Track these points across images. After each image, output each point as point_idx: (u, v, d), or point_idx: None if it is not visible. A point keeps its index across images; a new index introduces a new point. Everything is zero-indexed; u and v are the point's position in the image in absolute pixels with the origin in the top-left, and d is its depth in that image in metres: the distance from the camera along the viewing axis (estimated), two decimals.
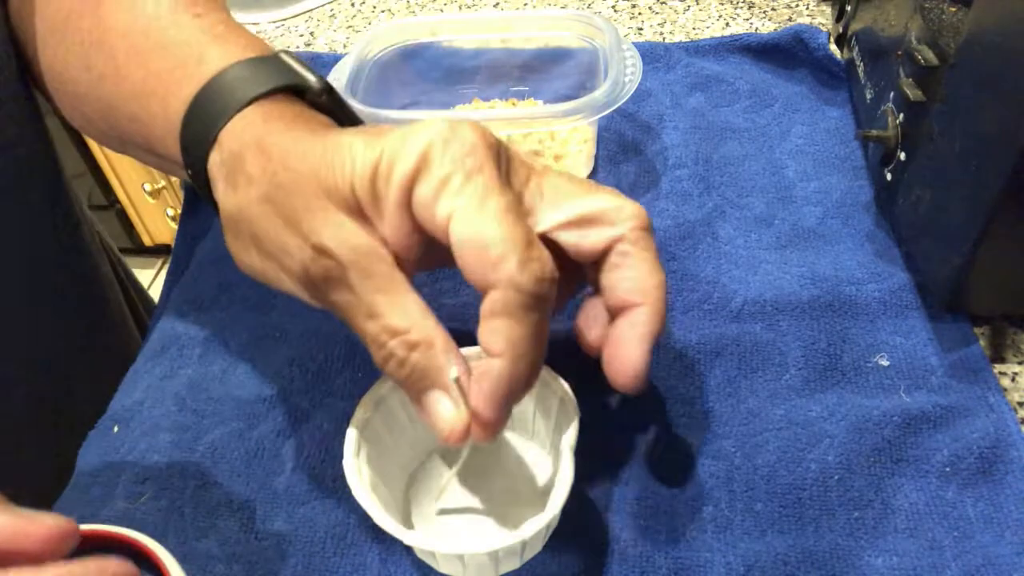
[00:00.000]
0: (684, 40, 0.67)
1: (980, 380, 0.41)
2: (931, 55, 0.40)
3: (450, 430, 0.31)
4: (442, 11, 0.75)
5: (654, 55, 0.64)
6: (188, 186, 0.58)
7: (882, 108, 0.47)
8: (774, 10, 0.70)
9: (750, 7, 0.71)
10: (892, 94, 0.46)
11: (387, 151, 0.30)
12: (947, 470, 0.38)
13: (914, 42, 0.43)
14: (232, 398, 0.44)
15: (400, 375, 0.31)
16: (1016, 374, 0.43)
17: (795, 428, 0.40)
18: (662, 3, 0.72)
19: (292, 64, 0.37)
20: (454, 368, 0.31)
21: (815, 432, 0.40)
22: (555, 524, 0.37)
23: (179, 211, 0.67)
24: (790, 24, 0.65)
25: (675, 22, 0.70)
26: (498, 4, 0.75)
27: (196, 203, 0.58)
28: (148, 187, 1.74)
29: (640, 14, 0.71)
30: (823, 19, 0.68)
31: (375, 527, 0.33)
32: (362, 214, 0.31)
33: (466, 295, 0.48)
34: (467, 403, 0.31)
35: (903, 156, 0.44)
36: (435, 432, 0.32)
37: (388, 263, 0.31)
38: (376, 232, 0.31)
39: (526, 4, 0.75)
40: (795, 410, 0.41)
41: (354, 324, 0.32)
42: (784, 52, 0.62)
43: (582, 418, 0.36)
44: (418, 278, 0.49)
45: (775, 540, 0.36)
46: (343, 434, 0.35)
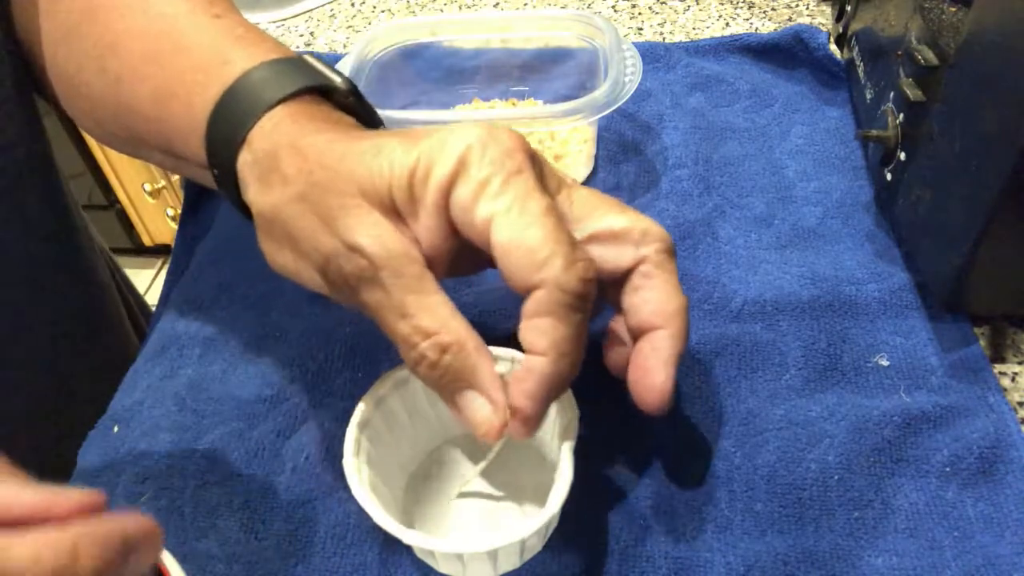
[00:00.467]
0: (684, 40, 0.67)
1: (980, 380, 0.41)
2: (931, 55, 0.40)
3: (487, 427, 0.32)
4: (442, 11, 0.75)
5: (654, 55, 0.64)
6: (188, 186, 0.58)
7: (882, 108, 0.47)
8: (774, 10, 0.70)
9: (750, 7, 0.71)
10: (892, 94, 0.46)
11: (425, 154, 0.31)
12: (947, 470, 0.38)
13: (914, 42, 0.43)
14: (232, 398, 0.44)
15: (433, 376, 0.32)
16: (1016, 374, 0.43)
17: (795, 428, 0.40)
18: (662, 3, 0.72)
19: (317, 66, 0.37)
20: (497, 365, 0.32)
21: (815, 432, 0.40)
22: (555, 524, 0.37)
23: (179, 211, 0.67)
24: (790, 24, 0.65)
25: (675, 22, 0.70)
26: (498, 4, 0.75)
27: (196, 203, 0.58)
28: (148, 187, 1.74)
29: (640, 14, 0.71)
30: (823, 19, 0.68)
31: (375, 527, 0.33)
32: (397, 216, 0.31)
33: (466, 295, 0.48)
34: (504, 401, 0.32)
35: (903, 156, 0.44)
36: (472, 430, 0.32)
37: (420, 264, 0.31)
38: (410, 234, 0.31)
39: (526, 4, 0.75)
40: (795, 410, 0.41)
41: (385, 324, 0.32)
42: (784, 52, 0.62)
43: (582, 418, 0.36)
44: None
45: (775, 540, 0.36)
46: (343, 434, 0.35)
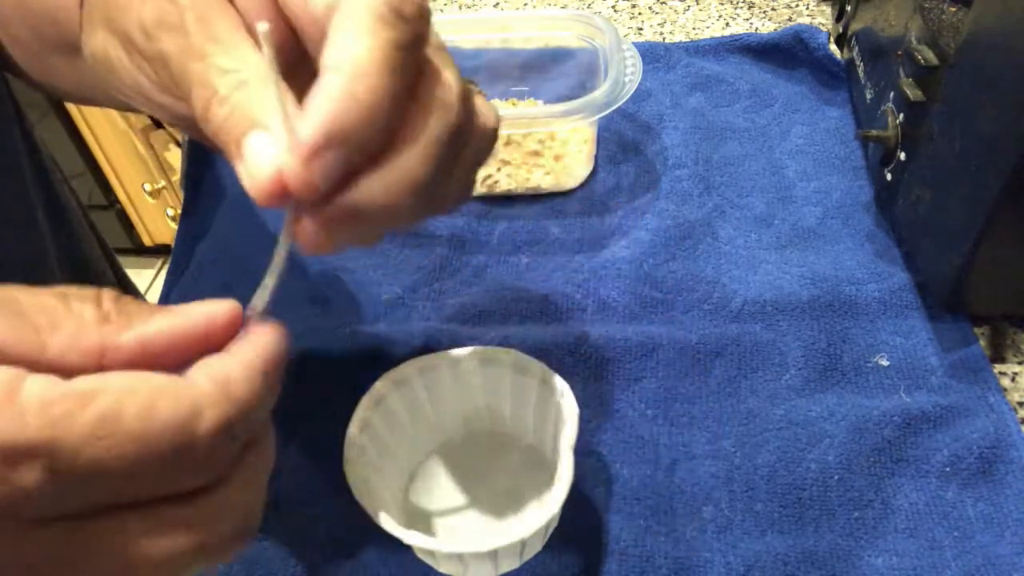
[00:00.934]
0: (684, 40, 0.67)
1: (980, 380, 0.41)
2: (931, 55, 0.40)
3: (261, 174, 0.23)
4: (442, 11, 0.75)
5: (654, 55, 0.64)
6: (188, 186, 0.58)
7: (882, 108, 0.47)
8: (774, 10, 0.70)
9: (750, 7, 0.71)
10: (892, 94, 0.46)
11: None
12: (947, 470, 0.38)
13: (914, 42, 0.43)
14: None
15: (220, 116, 0.25)
16: (1016, 374, 0.43)
17: (795, 428, 0.40)
18: (662, 3, 0.72)
19: None
20: (263, 24, 0.23)
21: (815, 432, 0.40)
22: (555, 524, 0.37)
23: (179, 211, 0.67)
24: (790, 24, 0.65)
25: (675, 22, 0.70)
26: (498, 4, 0.75)
27: (196, 203, 0.58)
28: (148, 187, 1.74)
29: (640, 14, 0.71)
30: (823, 19, 0.68)
31: (375, 527, 0.33)
32: None
33: (466, 295, 0.48)
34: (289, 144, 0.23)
35: (903, 156, 0.44)
36: (248, 187, 0.24)
37: (231, 15, 0.26)
38: None
39: (526, 4, 0.75)
40: (795, 410, 0.41)
41: (181, 74, 0.26)
42: (784, 52, 0.62)
43: (581, 417, 0.36)
44: (416, 278, 0.49)
45: (775, 540, 0.36)
46: (343, 434, 0.35)
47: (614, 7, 0.73)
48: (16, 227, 0.50)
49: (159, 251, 1.94)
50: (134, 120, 1.53)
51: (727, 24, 0.69)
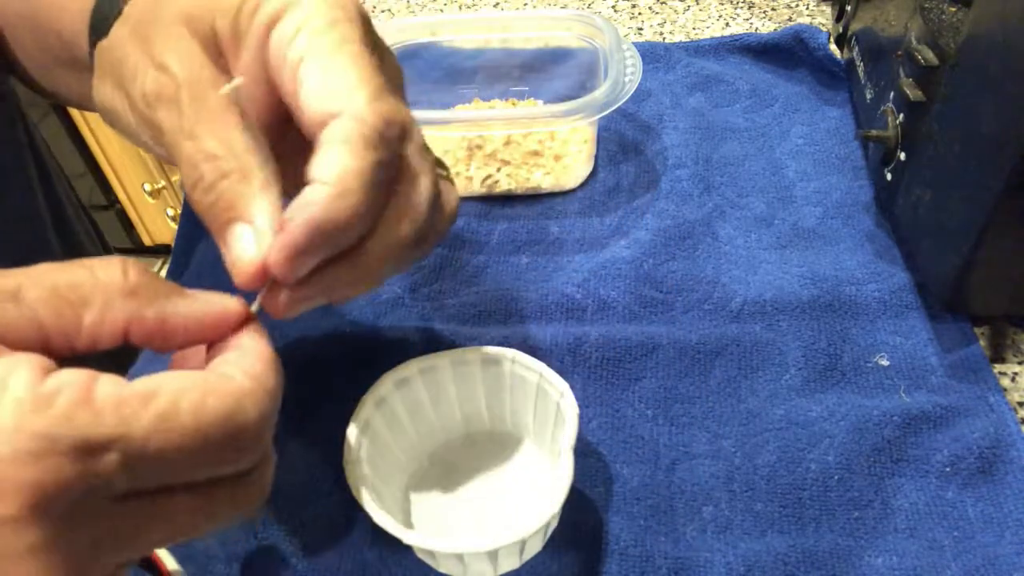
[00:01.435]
0: (684, 40, 0.67)
1: (980, 380, 0.41)
2: (931, 55, 0.40)
3: (243, 265, 0.27)
4: (442, 11, 0.75)
5: (654, 55, 0.64)
6: None
7: (882, 108, 0.47)
8: (774, 10, 0.70)
9: (750, 7, 0.71)
10: (892, 94, 0.46)
11: None
12: (947, 470, 0.38)
13: (914, 42, 0.43)
14: None
15: (206, 202, 0.28)
16: (1016, 374, 0.43)
17: (795, 428, 0.40)
18: (662, 3, 0.72)
19: None
20: (236, 80, 0.27)
21: (815, 432, 0.40)
22: (555, 523, 0.37)
23: (179, 211, 0.67)
24: (790, 24, 0.65)
25: (675, 22, 0.70)
26: (498, 4, 0.75)
27: None
28: (148, 187, 1.74)
29: (640, 14, 0.71)
30: (823, 19, 0.68)
31: (375, 527, 0.33)
32: (218, 52, 0.30)
33: (466, 295, 0.48)
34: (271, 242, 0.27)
35: (903, 156, 0.44)
36: (232, 273, 0.28)
37: (225, 96, 0.28)
38: (225, 65, 0.29)
39: (526, 4, 0.75)
40: (795, 410, 0.41)
41: (174, 147, 0.29)
42: (784, 52, 0.62)
43: (582, 417, 0.36)
44: (416, 278, 0.49)
45: (775, 540, 0.36)
46: (343, 434, 0.35)
47: (614, 7, 0.73)
48: (21, 227, 0.50)
49: (159, 251, 1.94)
50: None
51: (727, 24, 0.69)
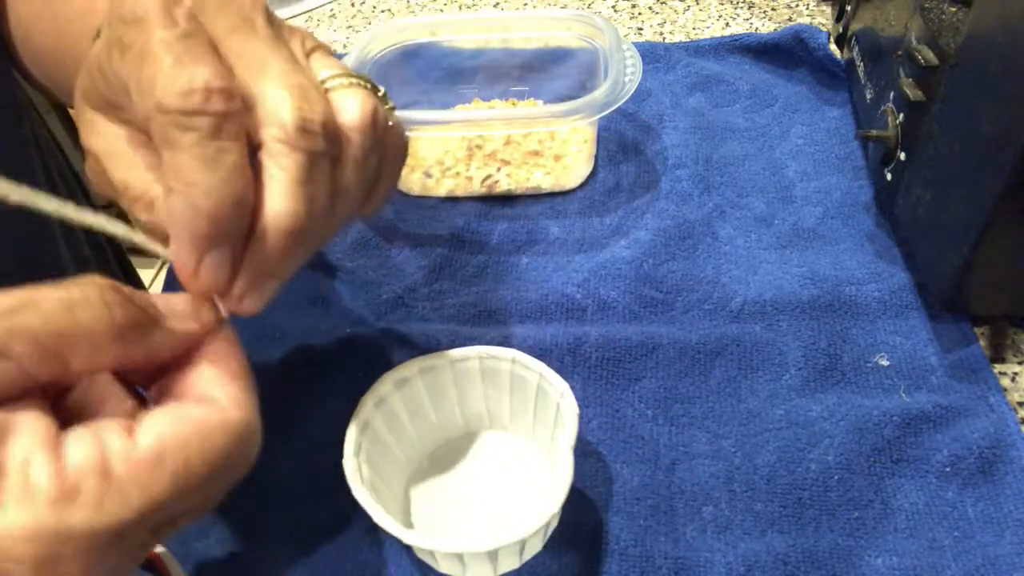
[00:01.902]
0: (684, 40, 0.67)
1: (980, 380, 0.41)
2: (931, 55, 0.40)
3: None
4: (442, 11, 0.75)
5: (654, 55, 0.64)
6: None
7: (882, 108, 0.47)
8: (774, 10, 0.70)
9: (750, 7, 0.71)
10: (892, 94, 0.46)
11: None
12: (947, 470, 0.38)
13: (914, 42, 0.43)
14: None
15: (146, 228, 0.29)
16: (1016, 374, 0.43)
17: (795, 428, 0.40)
18: (662, 3, 0.72)
19: None
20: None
21: (815, 432, 0.40)
22: (555, 523, 0.37)
23: None
24: (790, 24, 0.65)
25: (675, 22, 0.70)
26: (498, 4, 0.75)
27: None
28: None
29: (640, 14, 0.71)
30: (823, 19, 0.68)
31: (375, 527, 0.33)
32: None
33: (466, 295, 0.48)
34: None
35: (903, 156, 0.44)
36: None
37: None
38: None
39: (526, 4, 0.75)
40: (795, 410, 0.41)
41: (111, 175, 0.30)
42: (784, 52, 0.62)
43: (581, 417, 0.36)
44: (416, 278, 0.49)
45: (775, 540, 0.36)
46: (343, 434, 0.35)
47: (614, 7, 0.73)
48: (29, 227, 0.50)
49: None
50: None
51: (727, 24, 0.69)
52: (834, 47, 0.61)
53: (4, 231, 0.46)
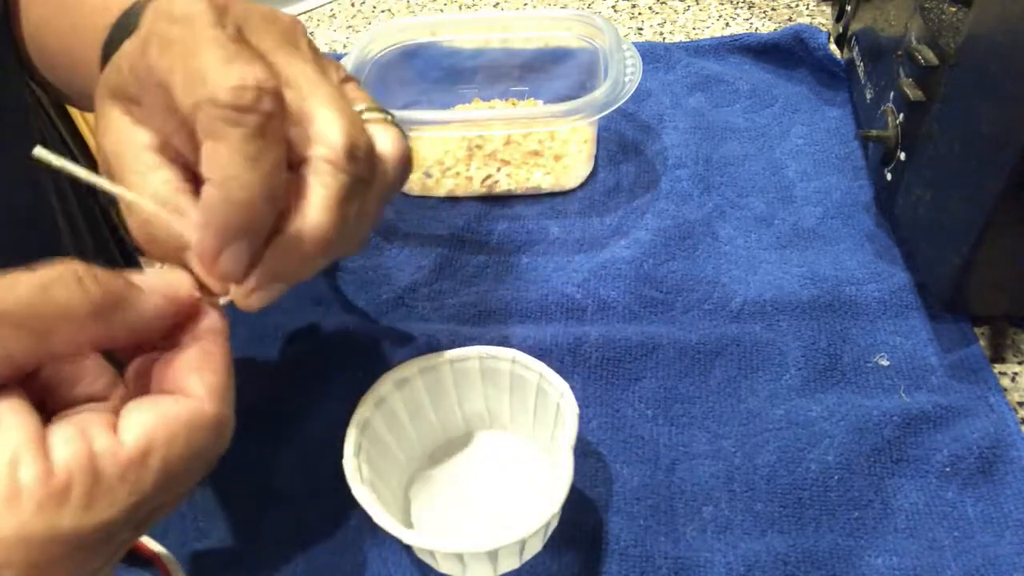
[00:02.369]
0: (684, 40, 0.67)
1: (980, 380, 0.41)
2: (931, 55, 0.40)
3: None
4: (442, 11, 0.75)
5: (654, 55, 0.64)
6: None
7: (882, 108, 0.47)
8: (774, 10, 0.70)
9: (750, 7, 0.71)
10: (892, 94, 0.46)
11: None
12: (947, 470, 0.38)
13: (914, 42, 0.43)
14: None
15: (141, 240, 0.29)
16: (1016, 374, 0.43)
17: (795, 428, 0.40)
18: (662, 3, 0.72)
19: None
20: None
21: (815, 432, 0.40)
22: (555, 523, 0.37)
23: None
24: (790, 24, 0.65)
25: (675, 22, 0.70)
26: (498, 4, 0.75)
27: None
28: None
29: (640, 14, 0.71)
30: (823, 19, 0.68)
31: (375, 527, 0.33)
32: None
33: (466, 295, 0.48)
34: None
35: (903, 156, 0.44)
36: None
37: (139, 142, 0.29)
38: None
39: (526, 4, 0.75)
40: (795, 410, 0.41)
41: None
42: (784, 52, 0.62)
43: (581, 417, 0.36)
44: (416, 278, 0.49)
45: (775, 540, 0.36)
46: (343, 434, 0.35)
47: (614, 7, 0.73)
48: (33, 227, 0.50)
49: None
50: None
51: (727, 24, 0.69)
52: (834, 47, 0.61)
53: (5, 233, 0.46)
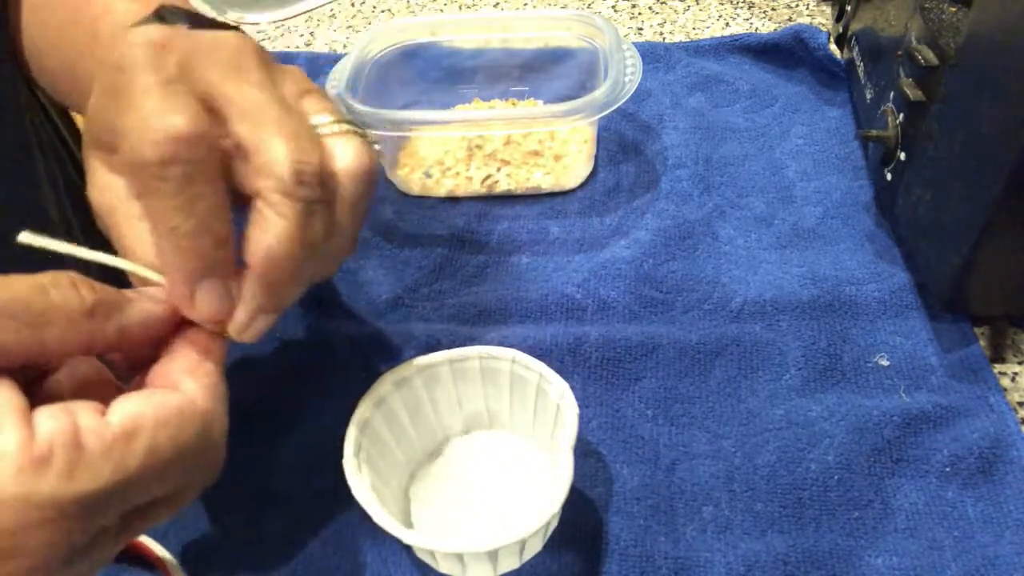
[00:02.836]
0: (684, 40, 0.67)
1: (980, 380, 0.41)
2: (931, 55, 0.40)
3: (213, 317, 0.29)
4: (442, 11, 0.75)
5: (654, 55, 0.64)
6: None
7: (882, 108, 0.47)
8: (774, 10, 0.70)
9: (750, 7, 0.71)
10: (892, 94, 0.46)
11: None
12: (947, 470, 0.38)
13: (914, 42, 0.43)
14: (231, 398, 0.44)
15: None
16: (1016, 374, 0.43)
17: (795, 428, 0.40)
18: (662, 3, 0.72)
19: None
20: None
21: (815, 432, 0.40)
22: (555, 523, 0.37)
23: None
24: (790, 24, 0.65)
25: (675, 22, 0.70)
26: (498, 4, 0.75)
27: None
28: None
29: (640, 14, 0.71)
30: (823, 19, 0.68)
31: (375, 527, 0.33)
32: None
33: (466, 295, 0.48)
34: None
35: (903, 156, 0.44)
36: (198, 320, 0.29)
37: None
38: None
39: (526, 4, 0.75)
40: (795, 410, 0.41)
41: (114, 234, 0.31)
42: (784, 52, 0.62)
43: (581, 417, 0.36)
44: (416, 278, 0.49)
45: (775, 540, 0.36)
46: (343, 434, 0.35)
47: (614, 7, 0.73)
48: (28, 224, 0.50)
49: None
50: None
51: (727, 24, 0.69)
52: (834, 47, 0.61)
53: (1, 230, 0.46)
